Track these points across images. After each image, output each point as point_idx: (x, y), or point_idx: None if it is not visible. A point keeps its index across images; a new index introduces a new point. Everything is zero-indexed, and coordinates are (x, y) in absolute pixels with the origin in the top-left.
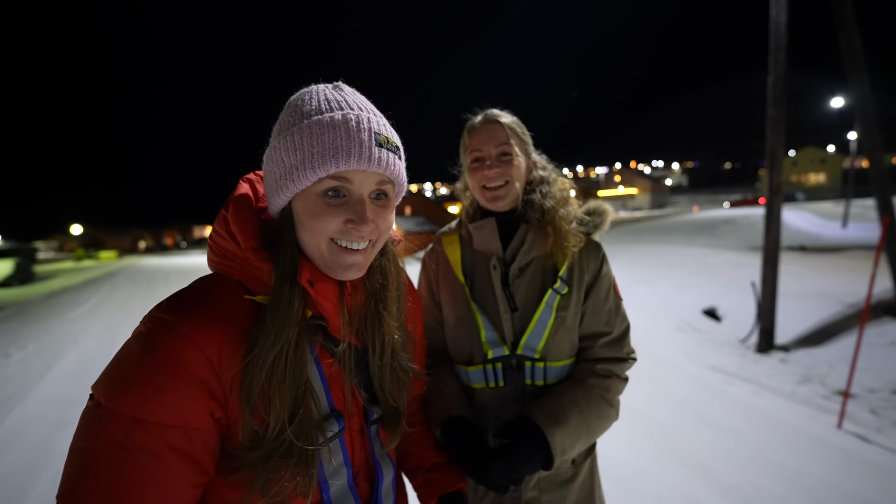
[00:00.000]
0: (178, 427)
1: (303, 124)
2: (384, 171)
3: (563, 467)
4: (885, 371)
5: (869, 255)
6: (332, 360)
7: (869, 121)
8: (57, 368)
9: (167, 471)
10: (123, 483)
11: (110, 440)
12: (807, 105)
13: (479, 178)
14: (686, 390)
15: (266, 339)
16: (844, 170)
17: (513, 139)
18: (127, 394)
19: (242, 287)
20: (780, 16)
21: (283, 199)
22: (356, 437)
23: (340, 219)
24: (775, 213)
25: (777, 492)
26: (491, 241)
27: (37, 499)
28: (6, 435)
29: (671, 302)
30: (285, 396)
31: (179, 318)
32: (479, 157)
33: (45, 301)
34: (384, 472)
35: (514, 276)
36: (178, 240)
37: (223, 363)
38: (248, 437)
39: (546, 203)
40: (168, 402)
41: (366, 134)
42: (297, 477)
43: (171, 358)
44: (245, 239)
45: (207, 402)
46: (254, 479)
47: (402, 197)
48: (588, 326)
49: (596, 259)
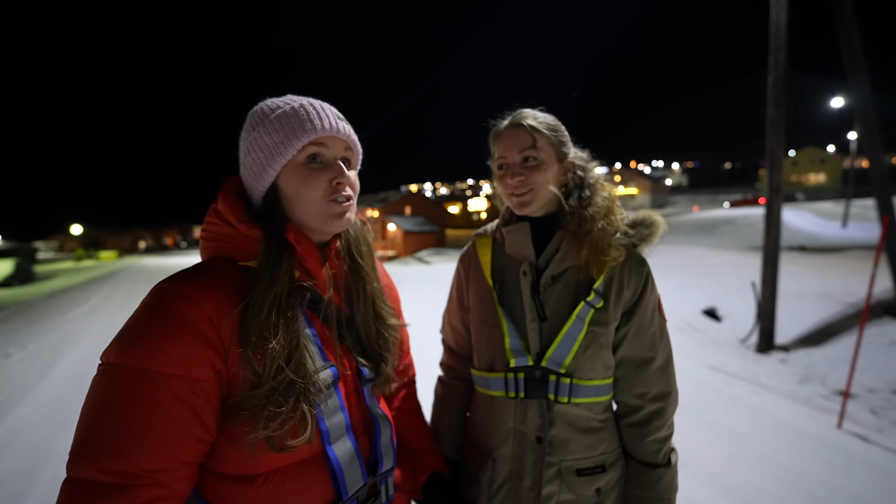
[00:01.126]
0: (182, 377)
1: (276, 114)
2: (347, 139)
3: (586, 494)
4: (885, 371)
5: (869, 255)
6: (322, 323)
7: (869, 121)
8: (57, 368)
9: (172, 419)
10: (131, 430)
11: (119, 390)
12: (807, 105)
13: (505, 186)
14: (686, 390)
15: (260, 287)
16: (844, 170)
17: (540, 142)
18: (135, 348)
19: (234, 262)
20: (780, 16)
21: (269, 177)
22: (352, 394)
23: (326, 179)
24: (775, 213)
25: (777, 492)
26: (523, 246)
27: (37, 499)
28: (6, 435)
29: (671, 302)
30: (280, 340)
31: (180, 284)
32: (503, 164)
33: (46, 301)
34: (382, 428)
35: (545, 284)
36: (178, 240)
37: (222, 318)
38: (250, 381)
39: (585, 212)
40: (173, 353)
41: (328, 110)
42: (297, 415)
43: (174, 314)
44: (236, 214)
45: (208, 354)
46: (256, 423)
47: (405, 197)
48: (629, 349)
49: (640, 275)
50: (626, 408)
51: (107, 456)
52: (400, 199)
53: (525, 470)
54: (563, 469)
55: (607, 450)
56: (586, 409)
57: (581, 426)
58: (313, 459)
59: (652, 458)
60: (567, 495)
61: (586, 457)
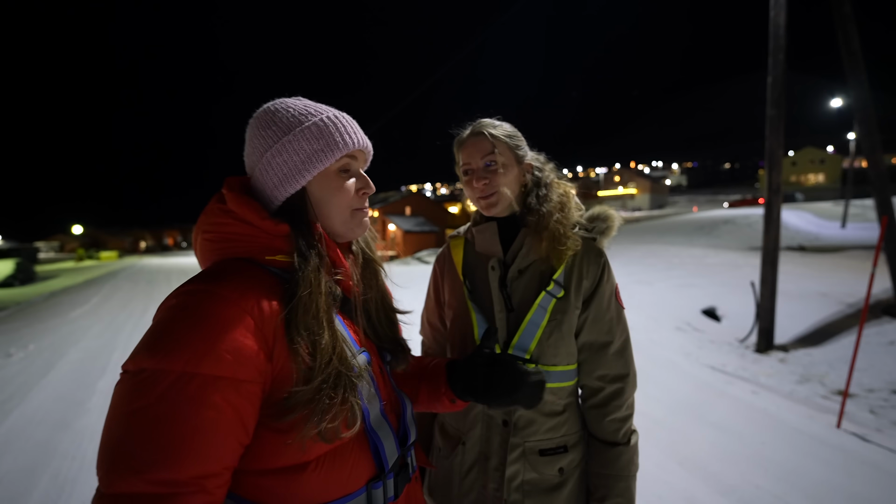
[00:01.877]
0: (229, 379)
1: (311, 121)
2: (369, 154)
3: (549, 473)
4: (884, 371)
5: (868, 255)
6: (345, 314)
7: (868, 121)
8: (58, 368)
9: (219, 423)
10: (179, 436)
11: (162, 396)
12: (806, 105)
13: (472, 190)
14: (685, 390)
15: (306, 282)
16: (844, 170)
17: (498, 148)
18: (176, 351)
19: (251, 261)
20: (779, 16)
21: (301, 182)
22: (378, 376)
23: (354, 188)
24: (774, 213)
25: (776, 491)
26: (492, 243)
27: (37, 499)
28: (7, 435)
29: (671, 302)
30: (325, 333)
31: (213, 285)
32: (468, 170)
33: (46, 301)
34: (406, 404)
35: (512, 277)
36: (179, 240)
37: (263, 316)
38: (299, 377)
39: (542, 208)
40: (219, 355)
41: (356, 125)
42: (346, 405)
43: (214, 315)
44: (257, 211)
45: (253, 353)
46: (306, 418)
47: (405, 197)
48: (589, 335)
49: (597, 266)
50: (589, 390)
51: (154, 465)
52: (400, 199)
53: (491, 451)
54: (526, 450)
55: (569, 432)
56: (551, 394)
57: (545, 410)
58: (356, 438)
59: (612, 437)
60: (531, 474)
61: (549, 438)
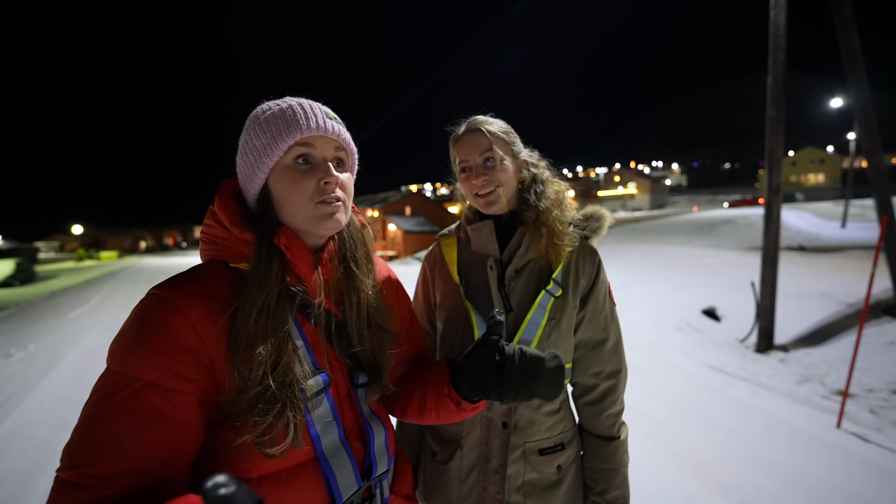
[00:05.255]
0: (163, 387)
1: (266, 115)
2: (337, 138)
3: (549, 472)
4: (884, 371)
5: (868, 255)
6: (314, 327)
7: (868, 121)
8: (58, 368)
9: (148, 427)
10: (108, 436)
11: (103, 397)
12: (806, 105)
13: (470, 187)
14: (685, 390)
15: (250, 292)
16: (844, 170)
17: (496, 144)
18: (122, 354)
19: (226, 265)
20: (779, 16)
21: (259, 179)
22: (344, 399)
23: (314, 180)
24: (774, 213)
25: (777, 491)
26: (488, 242)
27: (37, 499)
28: (6, 435)
29: (671, 302)
30: (268, 346)
31: (167, 291)
32: (466, 167)
33: (46, 301)
34: (375, 432)
35: (510, 277)
36: (179, 240)
37: (207, 327)
38: (237, 387)
39: (541, 204)
40: (152, 360)
41: (317, 110)
42: (282, 421)
43: (158, 322)
44: (229, 216)
45: (189, 364)
46: (243, 428)
47: (405, 197)
48: (585, 332)
49: (592, 264)
50: (583, 388)
51: (82, 458)
52: (400, 199)
53: (491, 453)
54: (527, 450)
55: (565, 429)
56: None
57: (543, 409)
58: (307, 465)
59: (608, 432)
60: (531, 474)
61: (548, 437)
